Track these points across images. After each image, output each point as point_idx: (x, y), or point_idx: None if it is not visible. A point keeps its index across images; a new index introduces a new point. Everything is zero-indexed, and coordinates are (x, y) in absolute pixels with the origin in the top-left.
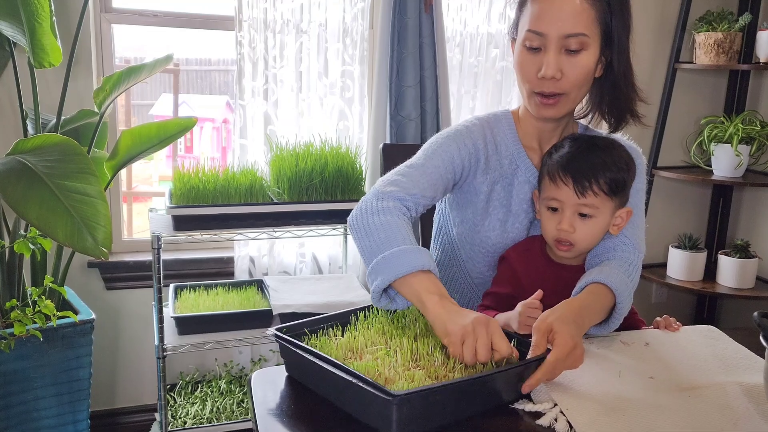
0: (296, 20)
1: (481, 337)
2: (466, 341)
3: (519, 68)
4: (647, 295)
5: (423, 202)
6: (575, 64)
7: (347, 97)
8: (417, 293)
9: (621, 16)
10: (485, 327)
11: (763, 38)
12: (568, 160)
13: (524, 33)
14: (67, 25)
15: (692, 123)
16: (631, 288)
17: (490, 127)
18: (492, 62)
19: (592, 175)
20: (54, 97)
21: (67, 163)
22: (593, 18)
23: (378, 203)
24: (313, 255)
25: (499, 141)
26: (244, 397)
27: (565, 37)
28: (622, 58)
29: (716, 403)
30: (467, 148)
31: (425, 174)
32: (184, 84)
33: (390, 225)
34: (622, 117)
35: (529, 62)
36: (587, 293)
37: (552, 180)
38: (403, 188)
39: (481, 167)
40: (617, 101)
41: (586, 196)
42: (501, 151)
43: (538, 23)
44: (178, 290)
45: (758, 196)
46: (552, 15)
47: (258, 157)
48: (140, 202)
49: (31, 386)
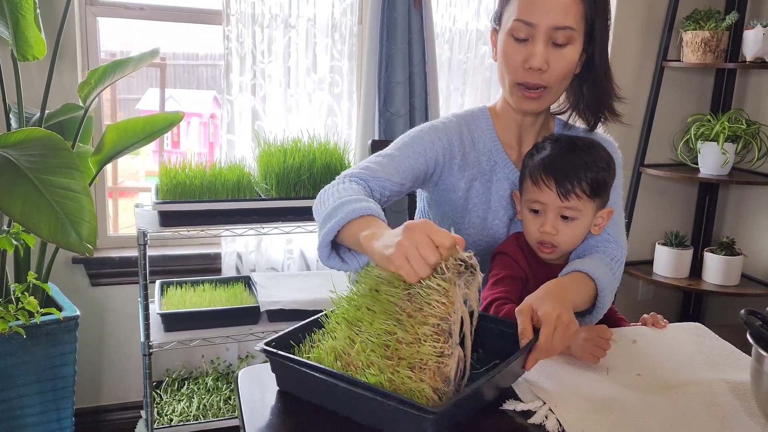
0: (284, 15)
1: (420, 243)
2: (410, 256)
3: (504, 58)
4: (634, 292)
5: (389, 186)
6: (561, 57)
7: (336, 93)
8: (355, 237)
9: (603, 14)
10: (419, 231)
11: (750, 37)
12: (549, 162)
13: (512, 22)
14: (52, 17)
15: (679, 121)
16: (614, 281)
17: (467, 124)
18: (481, 59)
19: (574, 177)
20: (38, 90)
21: (51, 157)
22: (581, 13)
23: (338, 184)
24: (300, 251)
25: (476, 138)
26: (231, 394)
27: (554, 29)
28: (603, 56)
29: (703, 401)
30: (441, 143)
31: (393, 161)
32: (171, 78)
33: (341, 192)
34: (601, 114)
35: (516, 52)
36: (566, 278)
37: (534, 182)
38: (369, 172)
39: (457, 164)
40: (596, 99)
41: (569, 199)
42: (479, 147)
43: (528, 13)
44: (165, 287)
45: (744, 194)
46: (543, 5)
47: (246, 153)
48: (126, 198)
49: (15, 384)
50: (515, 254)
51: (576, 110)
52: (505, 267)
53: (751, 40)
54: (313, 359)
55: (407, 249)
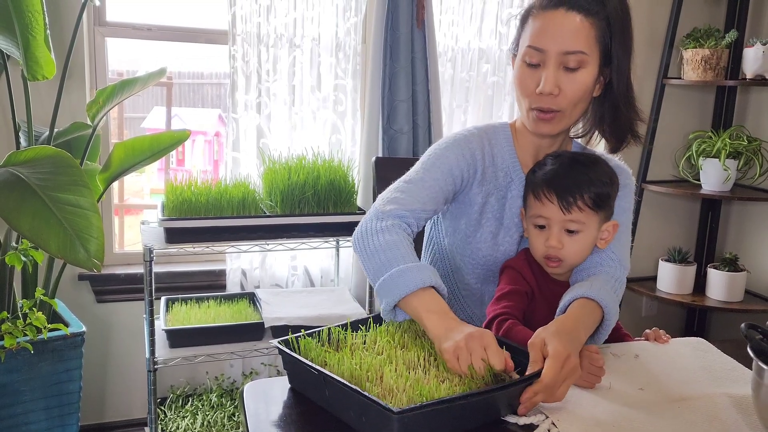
0: (289, 35)
1: (475, 352)
2: (460, 357)
3: (519, 83)
4: (637, 308)
5: (424, 216)
6: (573, 81)
7: (340, 111)
8: (417, 313)
9: (621, 37)
10: (479, 341)
11: (750, 55)
12: (551, 177)
13: (524, 48)
14: (61, 38)
15: (681, 137)
16: (617, 303)
17: (488, 138)
18: (483, 77)
19: (576, 190)
20: (47, 109)
21: (60, 175)
22: (593, 37)
23: (378, 223)
24: (305, 268)
25: (496, 153)
26: (235, 410)
27: (564, 54)
28: (622, 79)
29: (705, 415)
30: (466, 159)
31: (424, 188)
32: (176, 97)
33: (389, 245)
34: (623, 137)
35: (528, 77)
36: (579, 308)
37: (537, 198)
38: (403, 205)
39: (478, 178)
40: (617, 122)
41: (571, 212)
42: (497, 163)
43: (538, 39)
44: (170, 303)
45: (746, 210)
46: (552, 32)
47: (250, 170)
48: (131, 215)
49: (21, 399)
50: (522, 268)
51: (599, 131)
52: (511, 281)
53: (751, 57)
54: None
55: (460, 352)
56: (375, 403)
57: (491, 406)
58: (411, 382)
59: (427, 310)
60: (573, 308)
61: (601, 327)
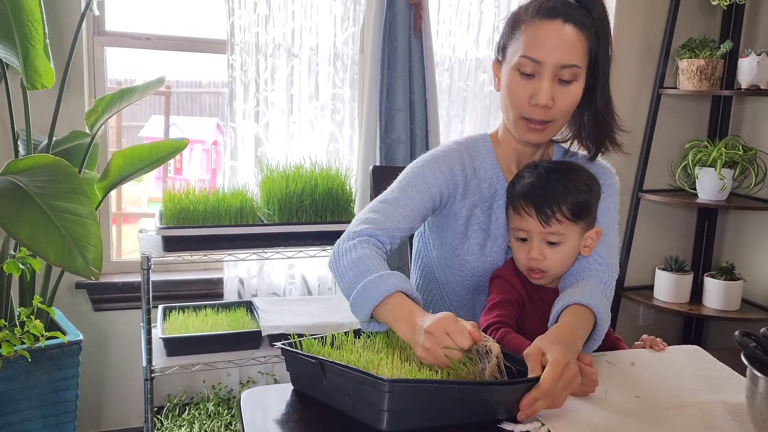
0: (288, 44)
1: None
2: (433, 354)
3: (509, 92)
4: (635, 317)
5: (399, 234)
6: (566, 94)
7: (338, 120)
8: (388, 323)
9: (606, 46)
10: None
11: (745, 65)
12: (528, 189)
13: (518, 58)
14: (61, 47)
15: (677, 147)
16: (608, 307)
17: (468, 151)
18: (480, 86)
19: (554, 202)
20: (46, 118)
21: (59, 183)
22: (585, 49)
23: (348, 243)
24: (302, 276)
25: (477, 165)
26: (232, 419)
27: (561, 67)
28: (605, 88)
29: (701, 422)
30: (444, 175)
31: (399, 207)
32: (174, 106)
33: (356, 261)
34: (602, 144)
35: (521, 87)
36: (572, 316)
37: (516, 211)
38: (375, 225)
39: (460, 192)
40: (597, 129)
41: (551, 225)
42: (480, 174)
43: (534, 50)
44: (167, 311)
45: (742, 219)
46: (550, 44)
47: (248, 179)
48: (129, 224)
49: (17, 408)
50: (511, 278)
51: (578, 139)
52: (501, 291)
53: (746, 68)
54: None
55: (430, 350)
56: (368, 376)
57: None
58: (406, 373)
59: (395, 318)
60: (566, 316)
61: (594, 333)
